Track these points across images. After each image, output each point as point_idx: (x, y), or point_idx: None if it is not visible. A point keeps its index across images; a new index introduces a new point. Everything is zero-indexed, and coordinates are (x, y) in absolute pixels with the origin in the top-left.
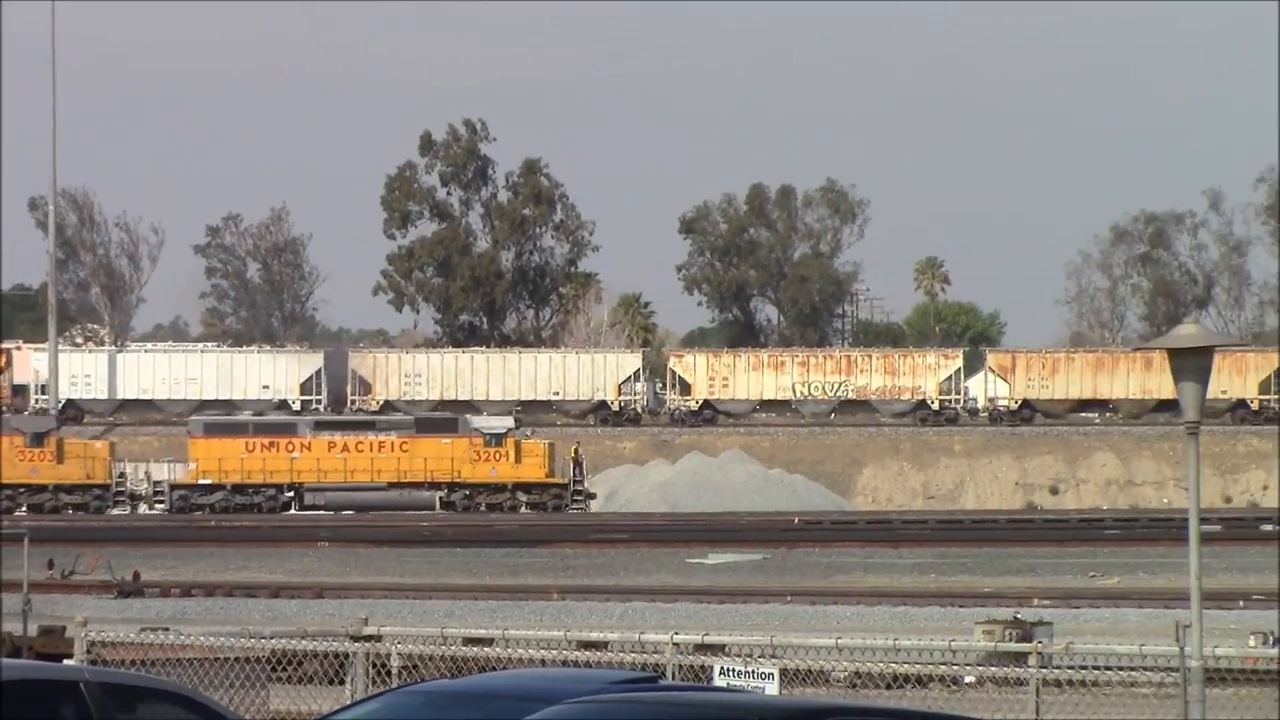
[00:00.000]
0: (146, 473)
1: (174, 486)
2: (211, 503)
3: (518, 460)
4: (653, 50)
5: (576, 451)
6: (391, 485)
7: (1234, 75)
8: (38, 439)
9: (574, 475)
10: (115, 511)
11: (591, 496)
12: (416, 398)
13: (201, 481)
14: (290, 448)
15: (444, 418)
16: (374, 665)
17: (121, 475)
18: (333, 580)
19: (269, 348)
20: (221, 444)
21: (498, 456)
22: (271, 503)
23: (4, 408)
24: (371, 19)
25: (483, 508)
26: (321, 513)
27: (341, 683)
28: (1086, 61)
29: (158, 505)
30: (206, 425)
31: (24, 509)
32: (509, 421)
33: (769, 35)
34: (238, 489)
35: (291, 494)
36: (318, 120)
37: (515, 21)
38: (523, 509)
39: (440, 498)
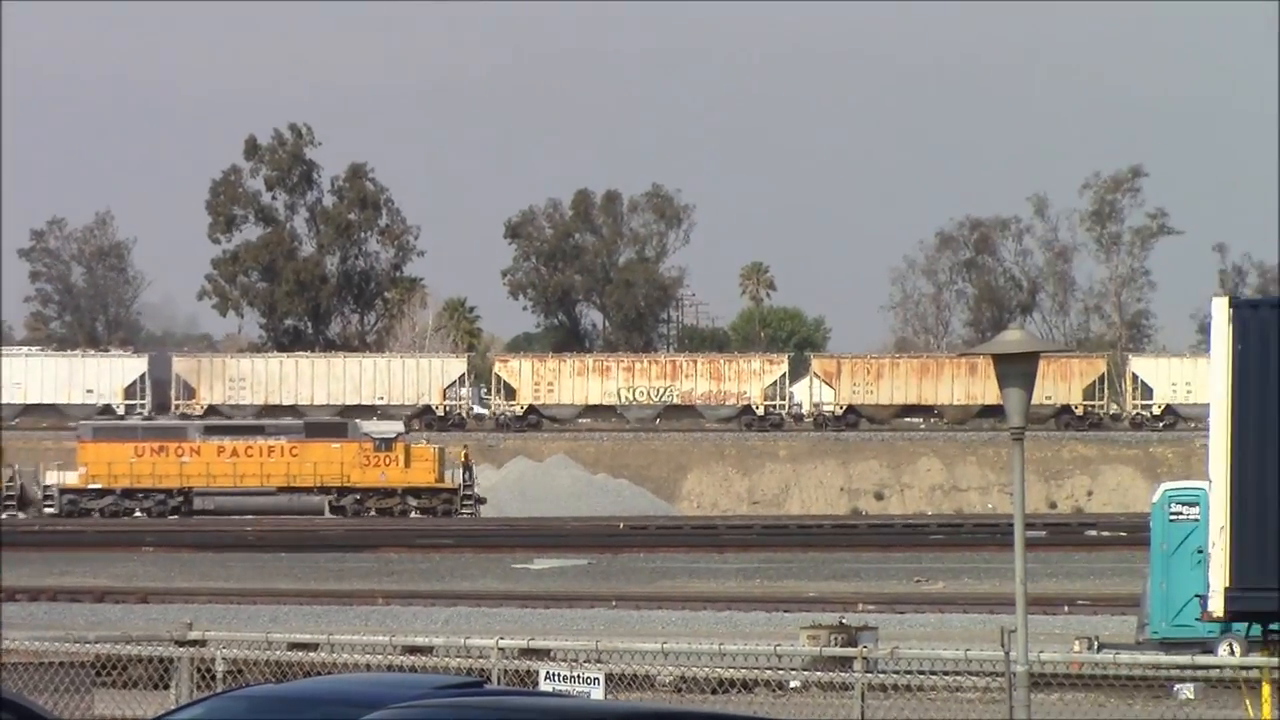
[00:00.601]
0: (36, 477)
1: (63, 491)
2: (101, 507)
3: (407, 465)
4: (478, 55)
5: (466, 456)
6: (281, 490)
7: (1058, 80)
8: None
9: (464, 480)
10: (4, 516)
11: (482, 501)
12: (241, 402)
13: (91, 486)
14: (180, 452)
15: (334, 423)
16: (199, 670)
17: (12, 479)
18: (157, 585)
19: (93, 352)
20: (111, 448)
21: (387, 461)
22: (161, 507)
23: None
24: (197, 21)
25: (373, 512)
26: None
27: (166, 687)
28: (911, 65)
29: (47, 509)
30: (96, 429)
31: None
32: (398, 426)
33: (594, 39)
34: (127, 493)
35: (181, 499)
36: (143, 124)
37: (340, 26)
38: (413, 514)
39: (330, 502)
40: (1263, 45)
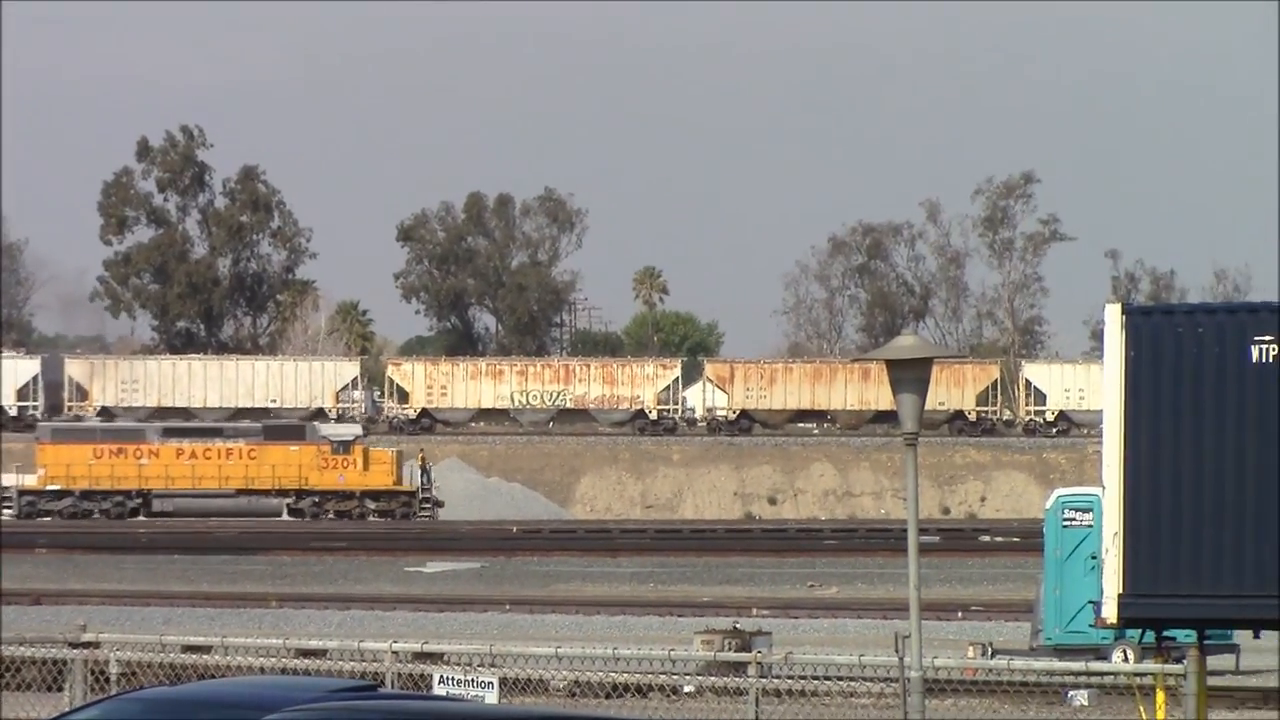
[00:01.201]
0: None
1: (22, 493)
2: (60, 509)
3: (365, 468)
4: (371, 56)
5: (423, 460)
6: (240, 492)
7: (951, 85)
8: None
9: (422, 483)
10: None
11: (440, 504)
12: (134, 404)
13: (50, 488)
14: (139, 454)
15: (291, 425)
16: (93, 672)
17: None
18: (50, 587)
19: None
20: (70, 450)
21: (345, 464)
22: (120, 509)
23: None
24: (89, 19)
25: (331, 515)
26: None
27: (60, 689)
28: (803, 68)
29: (5, 511)
30: (54, 431)
31: None
32: (356, 429)
33: (486, 40)
34: (86, 495)
35: (140, 500)
36: (35, 124)
37: (231, 24)
38: (371, 516)
39: (288, 505)
40: (1154, 48)
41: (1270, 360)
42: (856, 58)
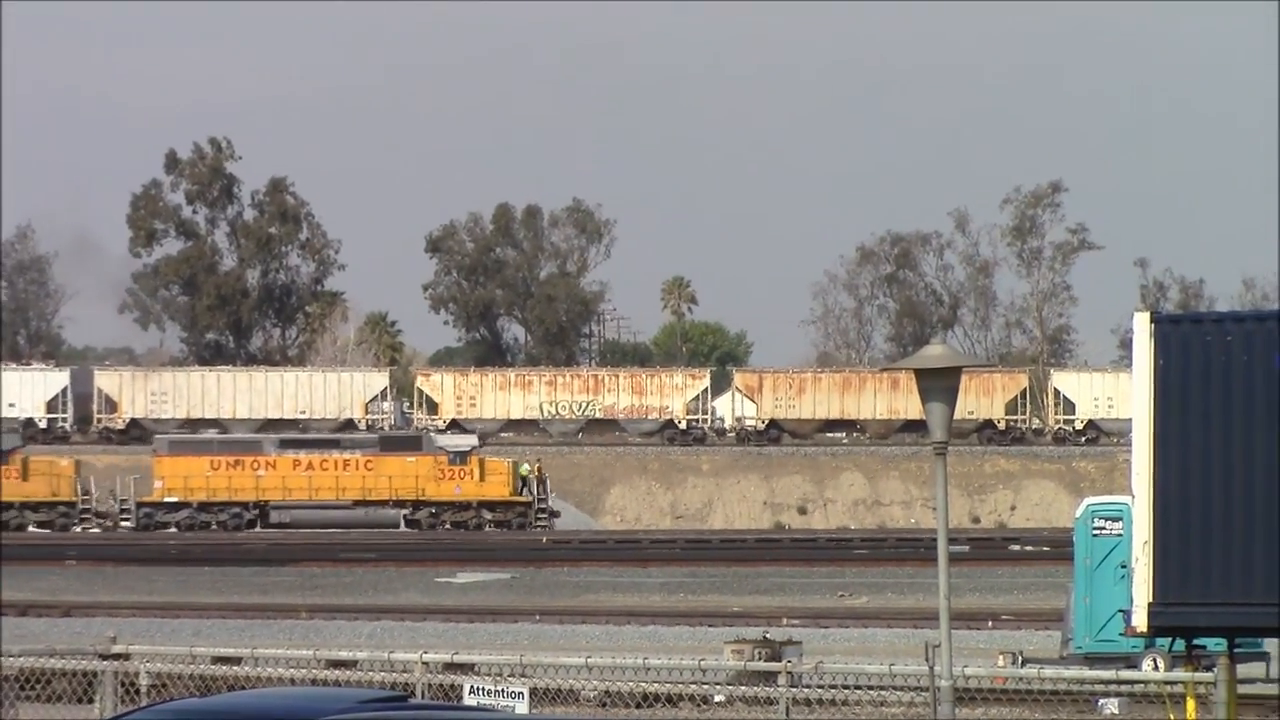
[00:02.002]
0: (112, 491)
1: (139, 504)
2: (177, 520)
3: (482, 478)
4: (398, 68)
5: (539, 470)
6: (357, 503)
7: (979, 95)
8: (1, 456)
9: (538, 493)
10: (79, 530)
11: (556, 514)
12: (163, 416)
13: (168, 499)
14: (255, 466)
15: (408, 436)
16: (122, 684)
17: (87, 493)
18: (80, 599)
19: (14, 366)
20: (187, 462)
21: (462, 475)
22: (236, 521)
23: None
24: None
25: (448, 525)
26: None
27: (90, 701)
28: (831, 80)
29: (124, 523)
30: (172, 443)
31: None
32: (473, 440)
33: (514, 51)
34: (203, 507)
35: (257, 512)
36: (62, 137)
37: (259, 38)
38: (487, 527)
39: (405, 516)
40: (1182, 56)
41: None
42: (885, 67)
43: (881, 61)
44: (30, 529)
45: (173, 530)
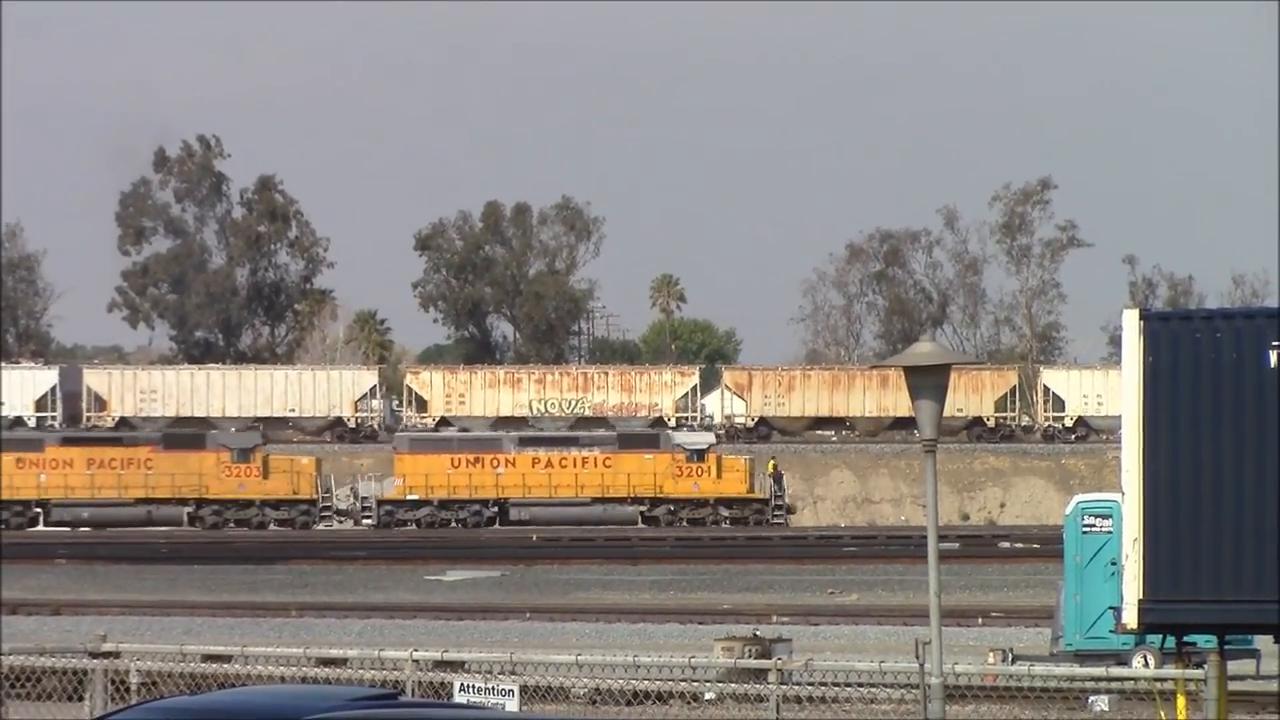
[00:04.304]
0: (353, 489)
1: (380, 502)
2: (418, 518)
3: (719, 476)
4: (387, 66)
5: (775, 467)
6: (595, 500)
7: (967, 92)
8: (244, 454)
9: (774, 490)
10: (320, 527)
11: (791, 511)
12: (153, 414)
13: (409, 497)
14: (495, 464)
15: (646, 433)
16: (113, 682)
17: (328, 491)
18: (70, 597)
19: (3, 364)
20: (428, 460)
21: (700, 472)
22: (476, 518)
23: None
24: (104, 30)
25: (685, 523)
26: (63, 529)
27: (80, 699)
28: (820, 76)
29: (365, 520)
30: (413, 441)
31: (231, 524)
32: (710, 437)
33: (503, 50)
34: (444, 504)
35: (496, 509)
36: (51, 136)
37: (244, 33)
38: (724, 524)
39: (641, 513)
40: (1171, 53)
41: None
42: (872, 65)
43: (870, 59)
44: (271, 527)
45: (411, 528)
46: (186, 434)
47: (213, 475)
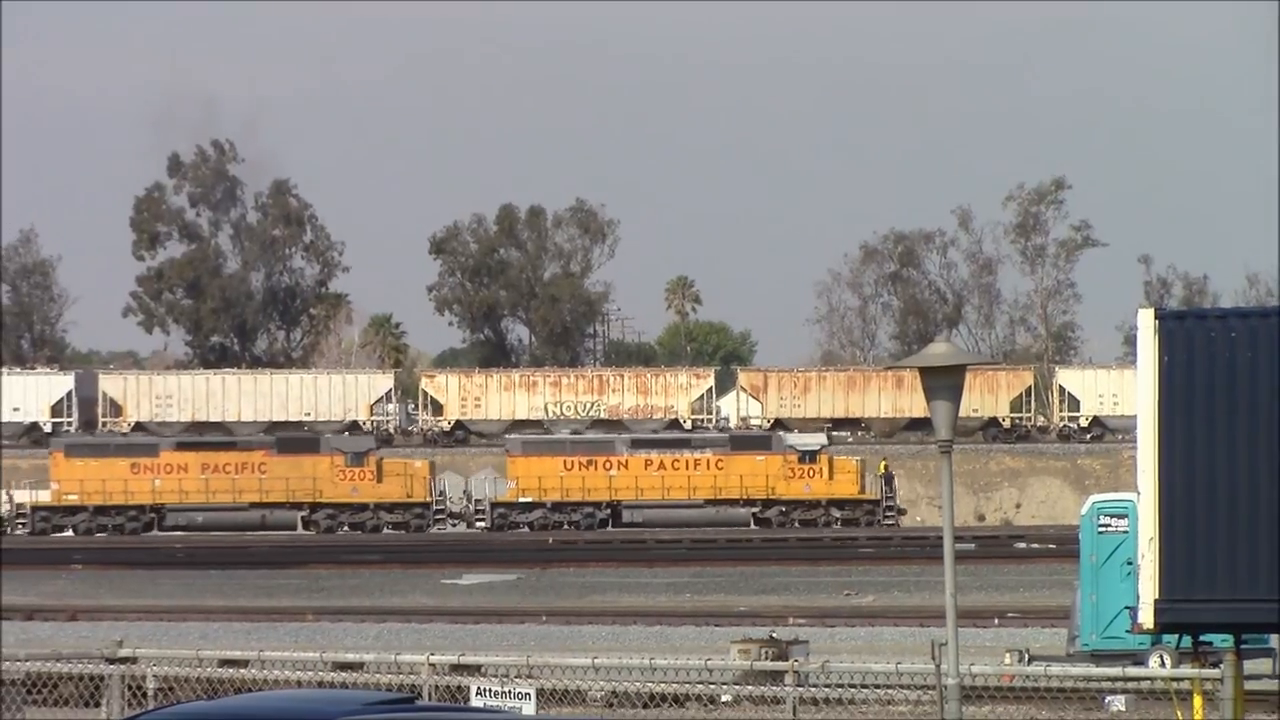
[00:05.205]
0: (466, 491)
1: (494, 505)
2: (531, 520)
3: (831, 477)
4: (401, 69)
5: (886, 468)
6: (708, 502)
7: (981, 92)
8: (358, 458)
9: (885, 491)
10: (434, 530)
11: (902, 512)
12: (168, 419)
13: (522, 499)
14: (608, 466)
15: (757, 435)
16: (130, 687)
17: (441, 494)
18: (86, 603)
19: (19, 370)
20: (541, 462)
21: (811, 473)
22: (589, 520)
23: None
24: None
25: (796, 524)
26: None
27: (98, 705)
28: (834, 78)
29: (478, 523)
30: (525, 444)
31: (345, 528)
32: (822, 438)
33: (518, 52)
34: (557, 507)
35: (609, 511)
36: (66, 141)
37: (262, 38)
38: (836, 525)
39: (754, 514)
40: (1185, 53)
41: None
42: (888, 65)
43: (884, 60)
44: (385, 530)
45: (525, 530)
46: (301, 437)
47: (327, 479)
